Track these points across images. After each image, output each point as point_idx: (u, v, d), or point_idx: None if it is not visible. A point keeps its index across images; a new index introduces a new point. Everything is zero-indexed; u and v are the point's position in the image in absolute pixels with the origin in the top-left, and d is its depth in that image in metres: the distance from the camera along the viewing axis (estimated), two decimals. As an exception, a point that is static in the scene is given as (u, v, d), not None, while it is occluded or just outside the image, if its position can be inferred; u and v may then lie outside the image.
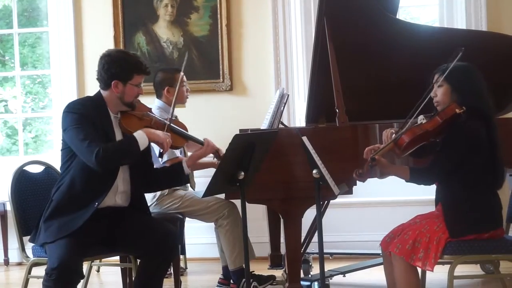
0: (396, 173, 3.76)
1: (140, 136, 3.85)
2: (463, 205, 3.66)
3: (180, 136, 4.13)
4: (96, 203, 3.85)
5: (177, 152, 4.83)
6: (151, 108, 4.19)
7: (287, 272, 4.40)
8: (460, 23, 6.39)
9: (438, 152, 3.74)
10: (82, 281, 4.64)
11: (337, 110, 4.41)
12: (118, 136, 3.98)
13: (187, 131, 4.22)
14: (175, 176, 4.15)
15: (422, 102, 3.72)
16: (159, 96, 5.11)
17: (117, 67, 3.94)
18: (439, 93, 3.78)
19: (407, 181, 3.76)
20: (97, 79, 4.04)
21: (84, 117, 3.84)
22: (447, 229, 3.65)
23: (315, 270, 5.05)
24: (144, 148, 3.87)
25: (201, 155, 4.16)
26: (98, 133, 3.83)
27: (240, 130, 4.29)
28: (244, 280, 4.68)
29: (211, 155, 4.19)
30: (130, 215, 4.02)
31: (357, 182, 4.27)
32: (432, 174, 3.71)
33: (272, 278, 5.00)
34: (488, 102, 3.75)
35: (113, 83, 3.94)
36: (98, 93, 4.04)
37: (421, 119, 3.71)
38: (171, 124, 4.10)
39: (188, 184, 5.18)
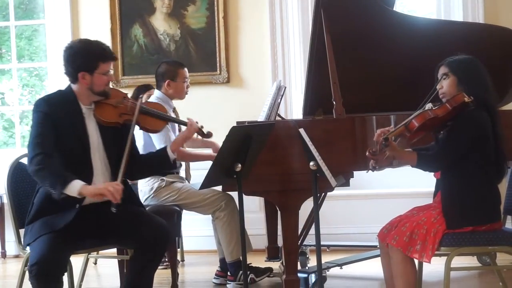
0: (404, 157, 3.73)
1: (73, 186, 3.64)
2: (463, 197, 3.65)
3: (158, 119, 4.08)
4: (78, 205, 3.79)
5: (172, 136, 4.81)
6: (126, 94, 4.11)
7: (284, 264, 4.41)
8: (457, 16, 6.39)
9: (445, 139, 3.73)
10: (78, 273, 4.66)
11: (334, 102, 4.41)
12: (91, 128, 3.91)
13: (166, 112, 4.18)
14: (160, 162, 4.09)
15: (431, 94, 3.71)
16: (159, 87, 5.10)
17: (80, 58, 3.85)
18: (445, 84, 3.76)
19: (413, 166, 3.75)
20: (64, 73, 3.95)
21: (47, 116, 3.79)
22: (445, 220, 3.65)
23: (312, 262, 5.06)
24: (64, 195, 3.67)
25: (185, 136, 4.13)
26: (60, 136, 3.76)
27: (237, 122, 4.27)
28: (241, 272, 4.69)
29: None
30: (123, 207, 3.96)
31: (354, 174, 4.30)
32: (438, 160, 3.68)
33: (269, 270, 5.01)
34: (493, 95, 3.75)
35: (80, 75, 3.86)
36: (69, 87, 3.96)
37: (429, 107, 3.69)
38: (144, 106, 4.05)
39: (184, 176, 5.20)
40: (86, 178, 3.81)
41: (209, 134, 4.43)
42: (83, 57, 3.85)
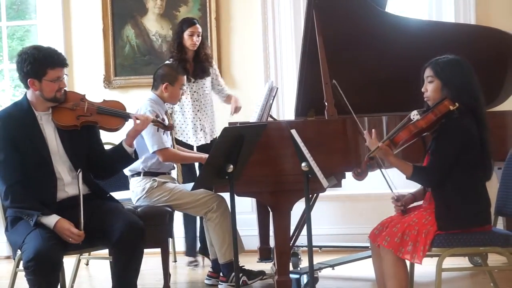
0: (399, 166, 3.73)
1: (50, 221, 3.76)
2: (454, 201, 3.66)
3: (115, 117, 4.07)
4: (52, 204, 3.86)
5: (164, 136, 4.81)
6: (84, 95, 4.11)
7: (276, 265, 4.41)
8: (449, 17, 6.40)
9: (434, 153, 3.72)
10: (70, 274, 4.66)
11: (326, 103, 4.42)
12: (49, 133, 3.96)
13: (124, 109, 4.16)
14: (120, 158, 4.13)
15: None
16: (155, 88, 5.08)
17: (28, 65, 3.86)
18: (429, 88, 3.77)
19: (407, 178, 3.76)
20: (19, 80, 4.00)
21: (1, 133, 3.85)
22: (436, 221, 3.65)
23: (304, 263, 5.06)
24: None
25: (135, 129, 4.11)
26: (18, 146, 3.83)
27: (229, 123, 4.28)
28: (233, 273, 4.69)
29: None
30: (99, 206, 3.99)
31: (346, 174, 4.31)
32: (432, 176, 3.68)
33: (261, 273, 5.00)
34: (479, 97, 3.74)
35: (29, 82, 3.89)
36: (24, 96, 4.01)
37: (414, 114, 3.69)
38: (101, 106, 4.06)
39: (176, 178, 5.20)
40: (50, 183, 3.91)
41: (170, 126, 4.47)
42: (31, 63, 3.86)
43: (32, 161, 3.87)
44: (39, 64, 3.85)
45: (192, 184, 3.98)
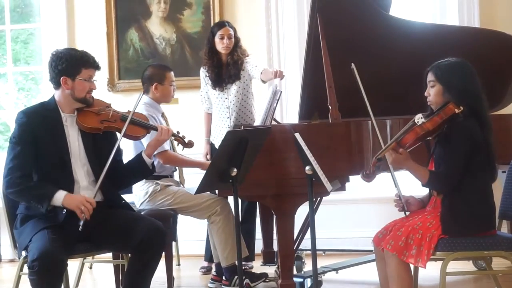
0: (416, 171, 3.72)
1: (58, 198, 3.80)
2: (459, 205, 3.65)
3: (139, 126, 4.15)
4: (64, 210, 3.83)
5: (166, 145, 4.81)
6: (110, 104, 4.17)
7: (279, 268, 4.40)
8: (453, 19, 6.40)
9: (445, 158, 3.71)
10: (74, 278, 4.65)
11: (330, 107, 4.41)
12: (72, 135, 3.99)
13: (147, 121, 4.28)
14: (139, 169, 4.17)
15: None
16: (146, 91, 5.07)
17: (63, 63, 3.94)
18: (432, 93, 3.77)
19: (422, 185, 3.75)
20: (49, 80, 4.05)
21: (25, 128, 3.89)
22: (441, 225, 3.65)
23: (308, 266, 5.06)
24: (51, 207, 3.81)
25: (157, 139, 4.20)
26: (39, 143, 3.86)
27: (233, 127, 4.28)
28: (236, 277, 4.69)
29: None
30: (114, 211, 3.99)
31: (350, 178, 4.31)
32: (450, 181, 3.67)
33: (264, 276, 5.00)
34: (481, 99, 3.73)
35: (62, 80, 3.94)
36: (52, 97, 4.06)
37: (418, 117, 3.68)
38: (126, 115, 4.10)
39: (178, 180, 5.19)
40: (66, 184, 3.90)
41: (190, 143, 4.47)
42: (66, 61, 3.94)
43: (51, 161, 3.90)
44: (75, 62, 3.95)
45: (195, 187, 3.97)
